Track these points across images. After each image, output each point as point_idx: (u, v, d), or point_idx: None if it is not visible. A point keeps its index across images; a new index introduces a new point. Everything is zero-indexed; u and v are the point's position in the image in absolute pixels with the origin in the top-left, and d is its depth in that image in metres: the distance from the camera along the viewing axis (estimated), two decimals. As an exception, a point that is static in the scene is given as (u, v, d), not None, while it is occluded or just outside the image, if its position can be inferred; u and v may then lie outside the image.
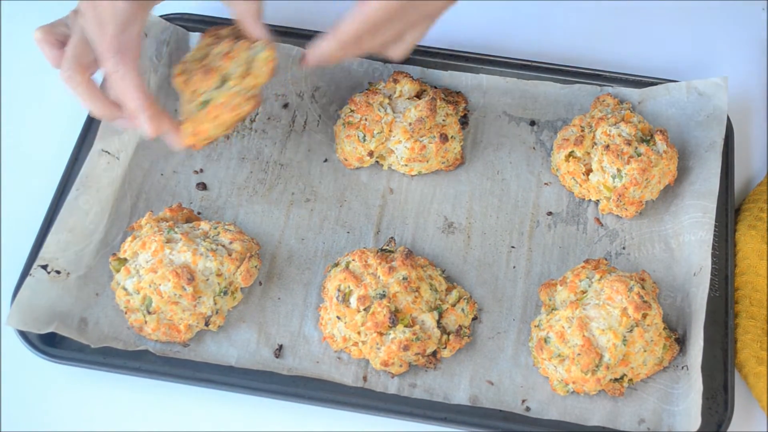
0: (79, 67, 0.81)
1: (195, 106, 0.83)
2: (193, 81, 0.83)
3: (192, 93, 0.83)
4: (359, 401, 0.84)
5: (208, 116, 0.82)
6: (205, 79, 0.82)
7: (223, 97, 0.82)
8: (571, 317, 0.83)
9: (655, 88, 1.02)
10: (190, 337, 0.87)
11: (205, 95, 0.82)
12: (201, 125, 0.83)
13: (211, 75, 0.82)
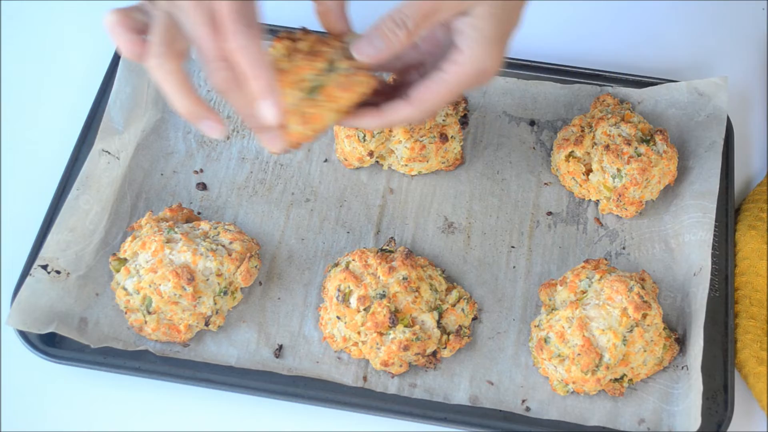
0: (171, 53, 0.69)
1: (303, 92, 0.72)
2: (293, 70, 0.73)
3: (293, 84, 0.73)
4: (359, 401, 0.84)
5: (323, 101, 0.73)
6: (309, 64, 0.73)
7: (339, 77, 0.73)
8: (571, 317, 0.83)
9: (655, 88, 1.02)
10: (190, 337, 0.87)
11: (314, 80, 0.73)
12: (315, 113, 0.73)
13: (318, 58, 0.73)
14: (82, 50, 1.09)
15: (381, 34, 0.71)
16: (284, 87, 0.72)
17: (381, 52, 0.71)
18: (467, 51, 0.71)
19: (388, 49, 0.71)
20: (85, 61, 1.08)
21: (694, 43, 1.13)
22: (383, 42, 0.71)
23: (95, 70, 1.05)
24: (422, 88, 0.73)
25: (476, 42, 0.71)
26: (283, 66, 0.73)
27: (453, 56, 0.71)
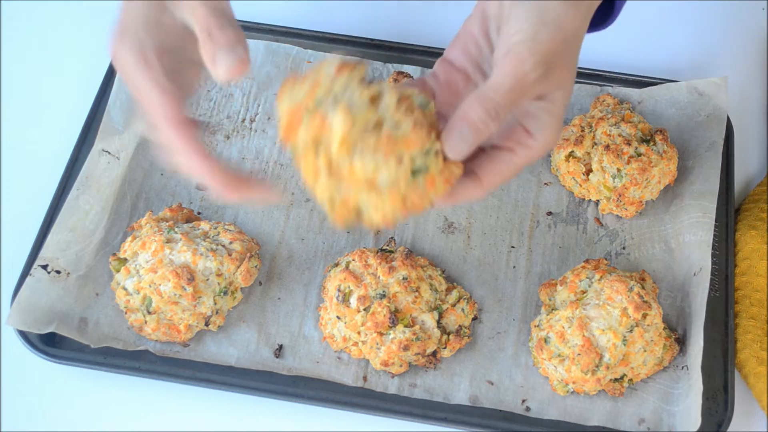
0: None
1: (406, 172, 0.62)
2: (402, 141, 0.62)
3: (397, 158, 0.62)
4: (359, 401, 0.84)
5: (425, 187, 0.64)
6: (420, 138, 0.63)
7: (439, 161, 0.64)
8: (571, 317, 0.83)
9: (655, 88, 1.02)
10: (190, 337, 0.87)
11: (420, 161, 0.63)
12: (417, 200, 0.64)
13: (429, 135, 0.63)
14: (82, 50, 1.09)
15: (472, 127, 0.65)
16: (387, 156, 0.62)
17: (473, 146, 0.66)
18: (540, 137, 0.68)
19: (479, 142, 0.66)
20: (85, 61, 1.08)
21: (694, 43, 1.13)
22: (475, 135, 0.65)
23: (95, 70, 1.05)
24: (494, 171, 0.69)
25: (549, 127, 0.68)
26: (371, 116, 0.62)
27: (525, 140, 0.68)
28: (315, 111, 0.61)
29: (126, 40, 0.66)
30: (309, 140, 0.62)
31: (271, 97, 1.03)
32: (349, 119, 0.61)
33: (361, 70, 0.64)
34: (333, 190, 0.64)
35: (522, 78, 0.65)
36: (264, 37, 1.07)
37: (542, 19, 0.67)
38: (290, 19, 1.09)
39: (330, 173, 0.63)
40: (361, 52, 1.06)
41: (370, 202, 0.63)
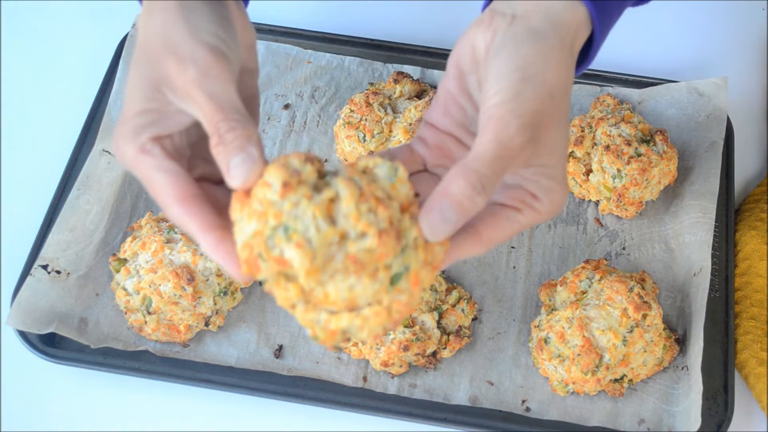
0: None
1: (383, 283, 0.57)
2: (368, 260, 0.56)
3: (371, 275, 0.57)
4: (359, 401, 0.84)
5: (408, 288, 0.58)
6: (387, 249, 0.56)
7: (420, 252, 0.58)
8: (571, 317, 0.84)
9: (655, 89, 1.02)
10: (190, 338, 0.87)
11: (397, 266, 0.57)
12: (402, 304, 0.58)
13: (399, 241, 0.57)
14: (82, 50, 1.09)
15: (455, 204, 0.58)
16: (358, 276, 0.56)
17: (457, 226, 0.59)
18: (546, 200, 0.63)
19: (464, 220, 0.59)
20: (85, 61, 1.08)
21: (694, 43, 1.13)
22: (459, 213, 0.58)
23: (95, 70, 1.05)
24: (497, 227, 0.63)
25: (551, 191, 0.64)
26: (330, 236, 0.56)
27: (531, 202, 0.63)
28: (269, 253, 0.56)
29: (124, 132, 0.63)
30: (274, 277, 0.57)
31: (271, 98, 1.03)
32: (307, 255, 0.55)
33: (308, 178, 0.57)
34: (312, 317, 0.59)
35: (507, 144, 0.59)
36: (264, 37, 1.06)
37: (523, 75, 0.61)
38: (290, 19, 1.09)
39: (306, 302, 0.58)
40: (361, 52, 1.06)
41: (355, 325, 0.58)
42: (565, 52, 0.64)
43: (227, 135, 0.60)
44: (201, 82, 0.60)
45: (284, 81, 1.04)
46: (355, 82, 1.04)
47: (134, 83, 0.63)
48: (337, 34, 1.07)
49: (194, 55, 0.61)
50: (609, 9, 0.68)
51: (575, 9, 0.65)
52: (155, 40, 0.62)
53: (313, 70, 1.05)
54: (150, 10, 0.65)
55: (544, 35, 0.63)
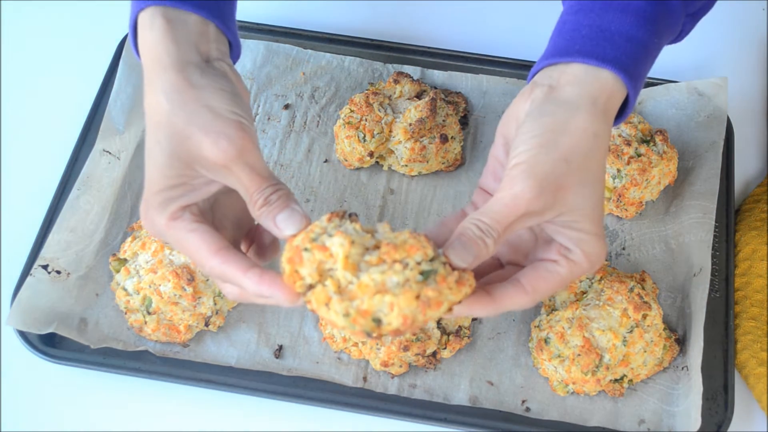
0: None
1: (415, 273, 0.62)
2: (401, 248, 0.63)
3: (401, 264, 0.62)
4: (359, 402, 0.84)
5: (441, 287, 0.63)
6: (421, 246, 0.63)
7: (447, 269, 0.64)
8: (571, 318, 0.84)
9: (655, 89, 1.02)
10: (189, 338, 0.87)
11: (426, 265, 0.63)
12: (435, 297, 0.63)
13: (429, 243, 0.64)
14: (82, 50, 1.09)
15: (471, 241, 0.67)
16: (391, 263, 0.62)
17: (477, 257, 0.67)
18: (579, 251, 0.68)
19: (478, 259, 0.67)
20: (85, 61, 1.08)
21: (694, 43, 1.12)
22: (476, 248, 0.67)
23: (95, 70, 1.05)
24: (538, 279, 0.69)
25: (582, 241, 0.69)
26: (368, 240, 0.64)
27: (565, 253, 0.69)
28: (313, 244, 0.63)
29: (154, 204, 0.69)
30: (314, 273, 0.63)
31: (270, 98, 1.03)
32: (347, 239, 0.62)
33: (351, 218, 0.66)
34: (347, 306, 0.62)
35: (513, 199, 0.66)
36: (264, 37, 1.06)
37: (540, 141, 0.67)
38: (290, 19, 1.09)
39: (341, 296, 0.62)
40: (361, 52, 1.06)
41: (386, 304, 0.62)
42: (595, 118, 0.69)
43: (272, 197, 0.68)
44: (241, 157, 0.68)
45: (284, 81, 1.04)
46: (355, 82, 1.04)
47: (159, 161, 0.69)
48: (337, 34, 1.07)
49: (226, 132, 0.68)
50: (640, 71, 0.72)
51: (608, 77, 0.70)
52: (176, 120, 0.68)
53: (313, 70, 1.05)
54: (156, 89, 0.70)
55: (571, 104, 0.69)
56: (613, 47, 0.70)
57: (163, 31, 0.72)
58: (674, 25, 0.75)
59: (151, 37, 0.72)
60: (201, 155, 0.68)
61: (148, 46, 0.72)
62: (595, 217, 0.69)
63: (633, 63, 0.70)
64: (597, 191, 0.70)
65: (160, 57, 0.71)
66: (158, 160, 0.69)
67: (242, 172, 0.68)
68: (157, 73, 0.71)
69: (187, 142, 0.68)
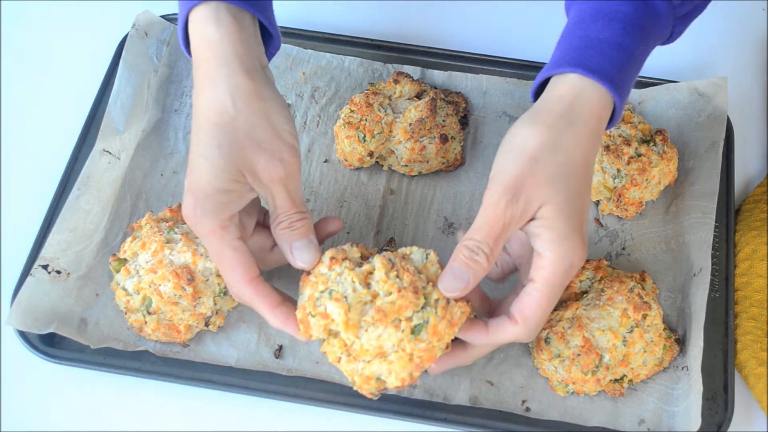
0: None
1: (406, 332, 0.71)
2: (391, 309, 0.70)
3: (394, 324, 0.71)
4: (359, 402, 0.84)
5: (431, 340, 0.71)
6: (409, 302, 0.70)
7: (440, 310, 0.71)
8: (571, 318, 0.84)
9: (656, 89, 1.02)
10: (189, 338, 0.87)
11: (418, 319, 0.71)
12: (425, 354, 0.71)
13: (417, 296, 0.71)
14: (82, 50, 1.09)
15: (462, 264, 0.71)
16: (384, 325, 0.71)
17: (468, 282, 0.72)
18: (548, 254, 0.71)
19: (474, 278, 0.72)
20: (85, 61, 1.08)
21: (694, 43, 1.13)
22: (467, 272, 0.71)
23: (95, 70, 1.05)
24: (521, 305, 0.73)
25: (553, 242, 0.71)
26: (364, 296, 0.71)
27: (537, 262, 0.72)
28: (316, 310, 0.72)
29: (206, 205, 0.73)
30: (323, 334, 0.73)
31: (271, 97, 1.03)
32: (343, 306, 0.70)
33: (352, 256, 0.74)
34: (353, 367, 0.73)
35: (493, 210, 0.71)
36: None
37: (507, 148, 0.72)
38: (290, 19, 1.09)
39: (348, 355, 0.73)
40: (361, 52, 1.06)
41: (384, 369, 0.72)
42: (563, 116, 0.72)
43: (296, 224, 0.75)
44: (285, 181, 0.73)
45: (284, 81, 1.04)
46: (355, 82, 1.04)
47: (218, 163, 0.72)
48: (337, 34, 1.07)
49: (281, 156, 0.73)
50: (624, 76, 0.74)
51: (584, 82, 0.73)
52: (240, 127, 0.72)
53: (313, 70, 1.05)
54: (221, 89, 0.72)
55: (537, 112, 0.73)
56: (600, 56, 0.73)
57: (232, 29, 0.74)
58: (663, 28, 0.77)
59: (218, 34, 0.73)
60: (253, 167, 0.72)
61: (212, 41, 0.73)
62: (569, 212, 0.71)
63: (617, 69, 0.73)
64: (570, 184, 0.71)
65: (227, 56, 0.73)
66: (217, 162, 0.72)
67: (281, 193, 0.74)
68: (223, 73, 0.73)
69: (245, 152, 0.72)
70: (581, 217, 0.72)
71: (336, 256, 0.73)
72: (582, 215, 0.73)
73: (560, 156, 0.71)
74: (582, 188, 0.73)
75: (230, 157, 0.72)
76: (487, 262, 0.71)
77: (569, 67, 0.73)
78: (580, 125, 0.72)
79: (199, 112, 0.74)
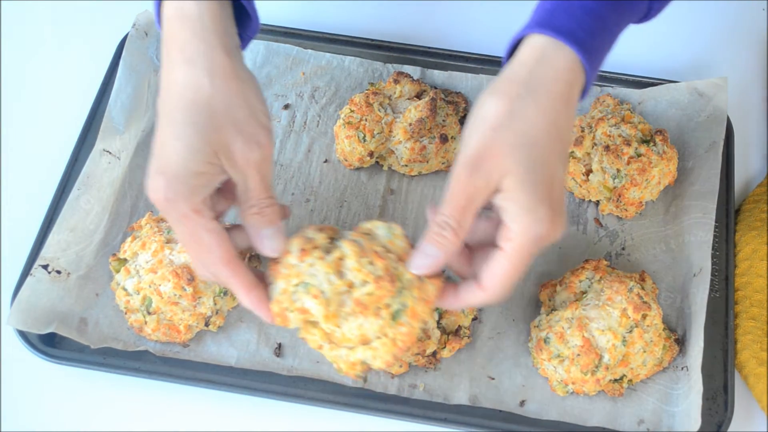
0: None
1: (387, 318, 0.71)
2: (371, 301, 0.71)
3: (375, 313, 0.71)
4: (359, 402, 0.84)
5: (409, 322, 0.72)
6: (386, 290, 0.71)
7: (414, 290, 0.72)
8: (571, 318, 0.84)
9: (656, 89, 1.02)
10: (189, 338, 0.87)
11: (396, 304, 0.72)
12: (406, 335, 0.72)
13: (393, 284, 0.71)
14: (82, 50, 1.09)
15: (431, 242, 0.71)
16: (365, 315, 0.71)
17: (437, 259, 0.71)
18: (513, 226, 0.69)
19: (443, 253, 0.71)
20: (86, 61, 1.08)
21: (694, 43, 1.13)
22: (435, 248, 0.71)
23: (95, 70, 1.05)
24: (489, 272, 0.71)
25: (518, 214, 0.68)
26: (340, 287, 0.71)
27: (505, 233, 0.70)
28: (293, 306, 0.71)
29: (179, 188, 0.69)
30: (302, 325, 0.73)
31: (270, 98, 1.03)
32: (322, 302, 0.70)
33: (320, 243, 0.73)
34: (336, 353, 0.74)
35: (456, 183, 0.69)
36: (264, 37, 1.06)
37: (471, 120, 0.70)
38: (290, 19, 1.09)
39: (329, 343, 0.73)
40: (361, 52, 1.06)
41: (369, 355, 0.73)
42: (523, 82, 0.69)
43: (267, 210, 0.72)
44: (260, 165, 0.70)
45: (284, 81, 1.04)
46: (355, 82, 1.04)
47: (193, 143, 0.68)
48: (337, 34, 1.07)
49: (258, 139, 0.70)
50: (595, 42, 0.71)
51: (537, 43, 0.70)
52: (216, 107, 0.69)
53: (313, 70, 1.05)
54: (198, 66, 0.69)
55: (499, 80, 0.70)
56: (569, 17, 0.70)
57: (212, 5, 0.70)
58: (639, 1, 0.74)
59: (197, 9, 0.70)
60: (229, 149, 0.69)
61: (191, 16, 0.70)
62: (533, 182, 0.68)
63: (587, 33, 0.70)
64: (532, 153, 0.68)
65: (206, 33, 0.70)
66: (191, 142, 0.68)
67: (254, 177, 0.71)
68: (201, 50, 0.69)
69: (222, 132, 0.69)
70: (550, 187, 0.69)
71: (305, 247, 0.72)
72: (551, 185, 0.69)
73: (520, 124, 0.68)
74: (548, 157, 0.69)
75: (207, 138, 0.68)
76: (454, 236, 0.70)
77: (535, 29, 0.70)
78: (543, 91, 0.69)
79: (171, 89, 0.70)
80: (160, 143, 0.69)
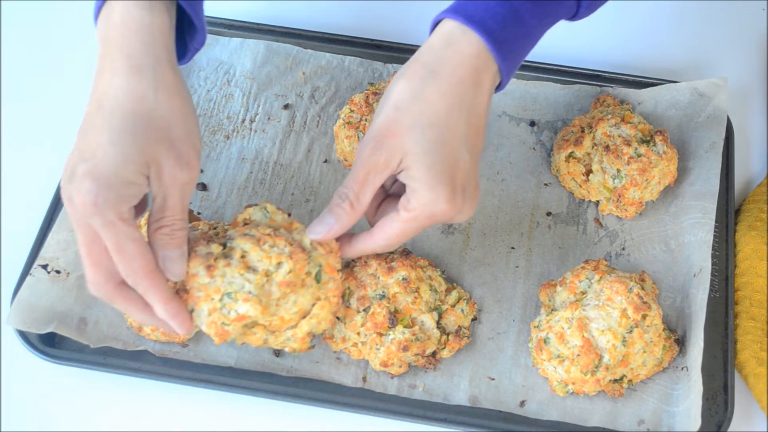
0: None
1: (315, 283, 0.77)
2: (296, 276, 0.75)
3: (303, 283, 0.77)
4: (359, 402, 0.84)
5: (330, 279, 0.78)
6: (302, 260, 0.75)
7: (321, 249, 0.78)
8: (571, 318, 0.83)
9: (656, 89, 1.02)
10: (189, 338, 0.87)
11: (313, 268, 0.77)
12: (336, 290, 0.78)
13: (305, 252, 0.76)
14: (83, 50, 1.09)
15: (329, 211, 0.75)
16: (296, 293, 0.76)
17: (332, 227, 0.76)
18: (413, 200, 0.74)
19: (339, 223, 0.75)
20: (86, 61, 1.08)
21: (694, 43, 1.13)
22: (332, 217, 0.75)
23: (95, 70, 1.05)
24: (382, 228, 0.76)
25: (416, 191, 0.73)
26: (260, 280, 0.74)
27: (404, 202, 0.74)
28: (229, 318, 0.74)
29: (109, 195, 0.68)
30: (241, 330, 0.76)
31: (270, 98, 1.03)
32: (254, 301, 0.73)
33: (217, 252, 0.75)
34: (284, 340, 0.78)
35: (359, 158, 0.73)
36: (264, 37, 1.07)
37: (381, 101, 0.74)
38: (290, 19, 1.09)
39: (272, 333, 0.77)
40: (361, 52, 1.06)
41: (313, 324, 0.77)
42: (425, 67, 0.72)
43: (177, 232, 0.72)
44: (184, 186, 0.72)
45: (284, 81, 1.04)
46: (355, 82, 1.04)
47: (128, 151, 0.68)
48: (337, 34, 1.07)
49: (189, 160, 0.71)
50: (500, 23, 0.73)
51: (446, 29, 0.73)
52: (156, 120, 0.70)
53: (313, 70, 1.05)
54: (145, 77, 0.70)
55: (409, 63, 0.74)
56: (479, 5, 0.73)
57: (165, 18, 0.72)
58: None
59: (150, 20, 0.71)
60: (160, 164, 0.70)
61: (143, 26, 0.71)
62: (430, 162, 0.72)
63: (496, 23, 0.72)
64: (430, 134, 0.72)
65: (156, 45, 0.71)
66: (127, 151, 0.68)
67: (175, 197, 0.71)
68: (149, 62, 0.70)
69: (157, 147, 0.69)
70: (452, 167, 0.73)
71: (209, 263, 0.74)
72: (453, 166, 0.73)
73: (421, 105, 0.72)
74: (449, 138, 0.72)
75: (142, 149, 0.68)
76: (350, 208, 0.74)
77: (448, 14, 0.73)
78: (445, 74, 0.72)
79: (110, 94, 0.70)
80: (92, 145, 0.69)
